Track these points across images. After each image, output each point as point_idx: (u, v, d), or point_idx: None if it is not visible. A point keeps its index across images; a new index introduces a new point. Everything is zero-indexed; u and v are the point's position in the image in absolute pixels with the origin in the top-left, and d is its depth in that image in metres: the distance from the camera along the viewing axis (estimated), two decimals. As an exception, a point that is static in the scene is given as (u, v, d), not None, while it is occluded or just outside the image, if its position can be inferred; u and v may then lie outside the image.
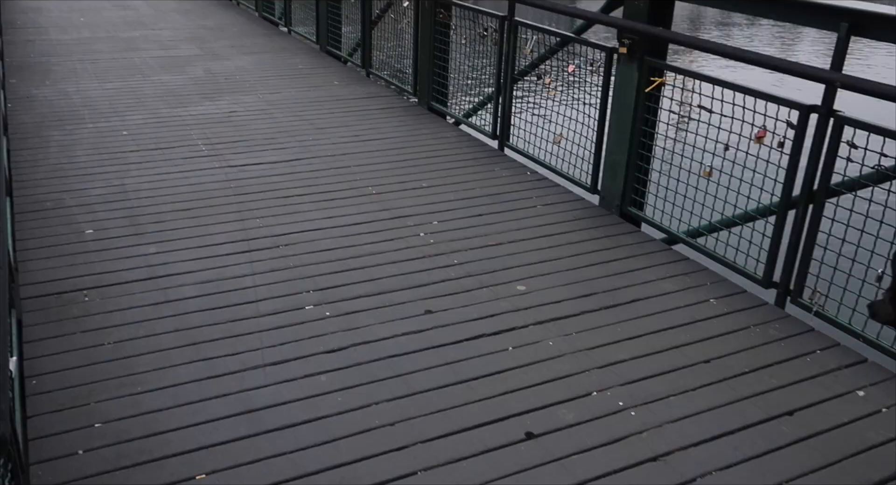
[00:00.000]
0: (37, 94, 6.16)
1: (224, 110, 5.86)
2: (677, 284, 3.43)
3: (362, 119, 5.77)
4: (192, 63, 7.38)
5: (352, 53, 7.57)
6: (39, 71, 6.90)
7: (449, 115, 5.91)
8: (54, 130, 5.28)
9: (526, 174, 4.74)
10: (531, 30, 4.79)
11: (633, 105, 3.92)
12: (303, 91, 6.50)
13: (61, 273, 3.35)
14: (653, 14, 3.79)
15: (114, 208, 4.05)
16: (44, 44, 8.07)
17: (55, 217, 3.92)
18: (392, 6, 6.62)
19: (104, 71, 6.98)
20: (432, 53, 5.87)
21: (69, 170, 4.56)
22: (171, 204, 4.13)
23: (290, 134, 5.35)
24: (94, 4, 10.78)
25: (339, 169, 4.72)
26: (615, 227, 4.05)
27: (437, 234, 3.87)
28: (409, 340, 2.94)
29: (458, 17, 5.64)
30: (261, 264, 3.50)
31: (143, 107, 5.89)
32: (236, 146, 5.06)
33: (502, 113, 5.14)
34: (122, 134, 5.24)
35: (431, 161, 4.93)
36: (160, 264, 3.48)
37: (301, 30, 8.81)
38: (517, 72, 4.97)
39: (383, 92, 6.62)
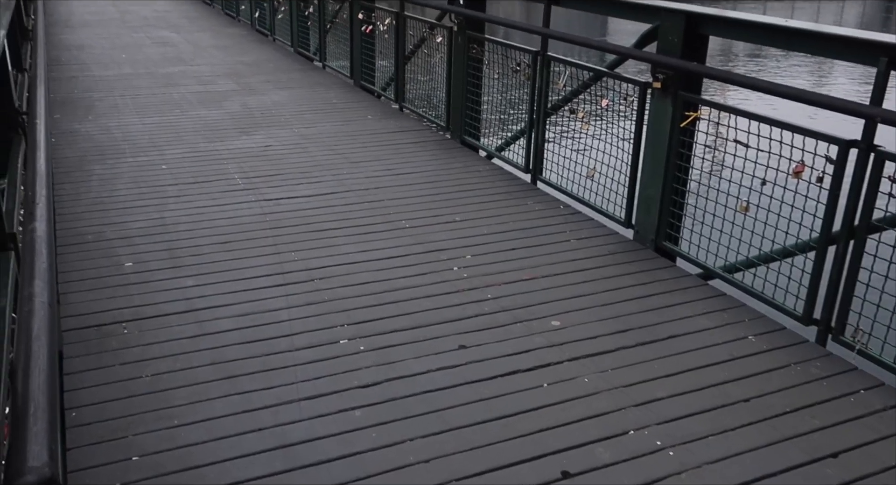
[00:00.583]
0: (79, 128, 6.32)
1: (260, 144, 5.95)
2: (715, 321, 3.38)
3: (395, 153, 5.82)
4: (229, 98, 7.52)
5: (385, 88, 7.67)
6: (82, 106, 7.09)
7: (481, 148, 5.95)
8: (96, 164, 5.41)
9: (559, 208, 4.74)
10: (564, 64, 4.82)
11: (668, 139, 3.91)
12: (337, 125, 6.59)
13: (101, 306, 3.41)
14: (687, 49, 3.80)
15: (153, 241, 4.12)
16: (87, 80, 8.29)
17: (96, 250, 4.00)
18: (425, 41, 6.71)
19: (144, 106, 7.15)
20: (465, 88, 5.93)
21: (110, 203, 4.66)
22: (209, 237, 4.19)
23: (324, 168, 5.41)
24: (135, 41, 11.08)
25: (373, 203, 4.75)
26: (650, 261, 4.02)
27: (470, 268, 3.87)
28: (444, 375, 2.93)
29: (490, 51, 5.70)
30: (296, 298, 3.53)
31: (182, 141, 6.01)
32: (272, 180, 5.13)
33: (535, 147, 5.16)
34: (162, 168, 5.34)
35: (464, 195, 4.95)
36: (198, 297, 3.52)
37: (335, 65, 8.96)
38: (550, 106, 5.00)
39: (416, 126, 6.68)
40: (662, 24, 3.89)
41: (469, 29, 5.78)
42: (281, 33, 10.95)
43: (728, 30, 3.78)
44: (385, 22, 7.28)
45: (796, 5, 55.30)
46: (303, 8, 9.75)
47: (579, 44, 4.68)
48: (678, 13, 3.79)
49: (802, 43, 3.45)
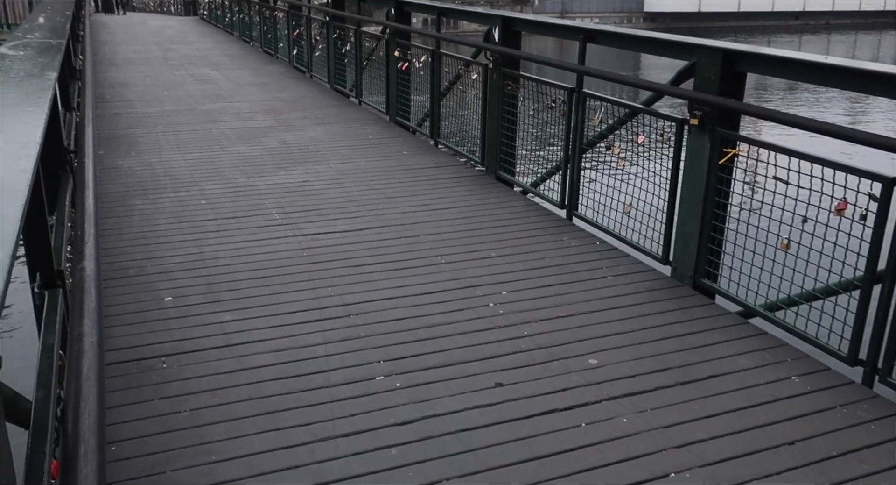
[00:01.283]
0: (122, 164, 6.47)
1: (297, 180, 6.03)
2: (756, 360, 3.32)
3: (431, 188, 5.86)
4: (267, 134, 7.65)
5: (420, 123, 7.75)
6: (126, 142, 7.26)
7: (516, 184, 5.96)
8: (138, 199, 5.52)
9: (595, 244, 4.72)
10: (600, 101, 4.84)
11: (706, 176, 3.89)
12: (373, 161, 6.66)
13: (142, 340, 3.45)
14: (724, 85, 3.79)
15: (192, 276, 4.17)
16: (130, 117, 8.51)
17: (137, 284, 4.06)
18: (461, 78, 6.78)
19: (185, 142, 7.30)
20: (500, 123, 5.97)
21: (151, 238, 4.74)
22: (247, 272, 4.23)
23: (360, 203, 5.46)
24: (176, 78, 11.35)
25: (409, 238, 4.78)
26: (688, 299, 3.97)
27: (506, 304, 3.86)
28: (480, 413, 2.91)
29: (525, 88, 5.74)
30: (333, 333, 3.54)
31: (221, 177, 6.12)
32: (309, 215, 5.18)
33: (570, 182, 5.16)
34: (201, 203, 5.43)
35: (500, 230, 4.96)
36: (235, 332, 3.55)
37: (371, 101, 9.09)
38: (586, 142, 5.00)
39: (451, 161, 6.73)
40: (699, 60, 3.90)
41: (504, 66, 5.84)
42: (318, 70, 11.15)
43: (765, 66, 3.77)
44: (421, 59, 7.39)
45: (832, 38, 54.80)
46: (340, 46, 9.94)
47: (616, 81, 4.70)
48: (715, 50, 3.79)
49: (841, 80, 3.42)
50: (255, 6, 15.16)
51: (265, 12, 14.22)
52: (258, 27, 14.90)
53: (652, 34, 4.50)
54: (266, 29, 14.25)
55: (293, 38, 12.28)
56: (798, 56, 3.54)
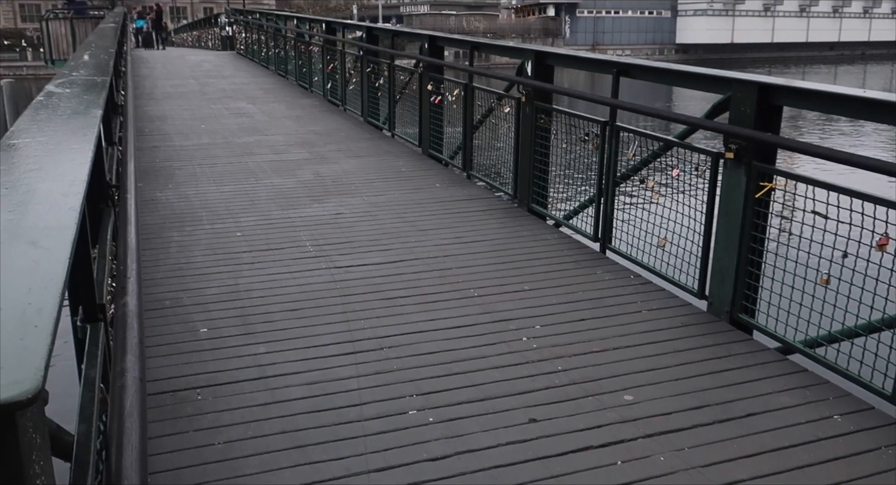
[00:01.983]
0: (160, 196, 6.59)
1: (331, 212, 6.09)
2: (796, 398, 3.25)
3: (463, 221, 5.88)
4: (301, 167, 7.75)
5: (453, 156, 7.80)
6: (163, 175, 7.40)
7: (549, 217, 5.95)
8: (175, 231, 5.61)
9: (629, 278, 4.68)
10: (633, 134, 4.83)
11: (742, 210, 3.85)
12: (406, 193, 6.71)
13: (177, 371, 3.48)
14: (760, 119, 3.77)
15: (227, 308, 4.21)
16: (168, 149, 8.68)
17: (173, 316, 4.11)
18: (493, 111, 6.83)
19: (221, 175, 7.42)
20: (533, 156, 5.99)
21: (187, 269, 4.80)
22: (281, 304, 4.26)
23: (393, 236, 5.49)
24: (213, 112, 11.58)
25: (442, 271, 4.78)
26: (725, 334, 3.91)
27: (539, 338, 3.83)
28: (514, 449, 2.88)
29: (558, 121, 5.76)
30: (365, 366, 3.54)
31: (256, 209, 6.20)
32: (342, 248, 5.22)
33: (604, 216, 5.14)
34: (237, 235, 5.50)
35: (532, 263, 4.94)
36: (269, 364, 3.56)
37: (404, 133, 9.18)
38: (619, 175, 4.99)
39: (484, 194, 6.75)
40: (734, 94, 3.88)
41: (537, 99, 5.87)
42: (352, 104, 11.30)
43: (802, 100, 3.75)
44: (454, 93, 7.46)
45: (869, 69, 54.26)
46: (373, 79, 10.07)
47: (650, 115, 4.70)
48: (751, 84, 3.78)
49: (880, 113, 3.39)
50: (291, 41, 15.46)
51: (300, 47, 14.49)
52: (293, 61, 15.17)
53: (686, 68, 4.51)
54: (301, 63, 14.51)
55: (327, 72, 12.48)
56: (835, 90, 3.51)
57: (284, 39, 16.26)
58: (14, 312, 0.99)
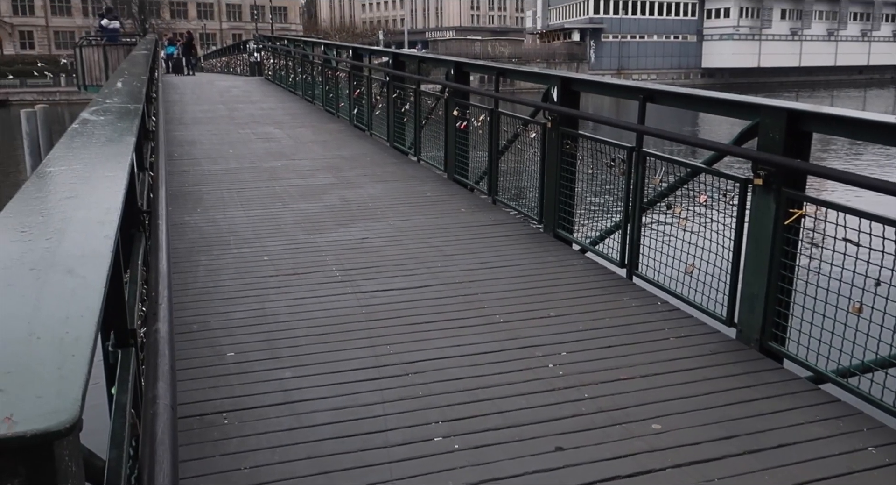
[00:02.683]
0: (189, 220, 6.67)
1: (357, 237, 6.12)
2: (829, 429, 3.19)
3: (489, 246, 5.88)
4: (327, 191, 7.81)
5: (478, 181, 7.82)
6: (192, 199, 7.49)
7: (575, 242, 5.94)
8: (203, 254, 5.66)
9: (656, 304, 4.64)
10: (660, 160, 4.82)
11: (771, 237, 3.81)
12: (431, 218, 6.73)
13: (204, 395, 3.50)
14: (789, 145, 3.75)
15: (254, 332, 4.23)
16: (196, 174, 8.80)
17: (201, 339, 4.14)
18: (519, 137, 6.85)
19: (248, 199, 7.50)
20: (558, 181, 5.99)
21: (214, 293, 4.84)
22: (307, 328, 4.28)
23: (419, 260, 5.50)
24: (241, 137, 11.73)
25: (467, 296, 4.78)
26: (755, 363, 3.85)
27: (566, 365, 3.80)
28: (540, 478, 2.85)
29: (584, 147, 5.76)
30: (391, 392, 3.53)
31: (283, 233, 6.25)
32: (368, 272, 5.24)
33: (630, 241, 5.11)
34: (263, 259, 5.54)
35: (558, 289, 4.92)
36: (295, 389, 3.57)
37: (429, 158, 9.23)
38: (646, 201, 4.97)
39: (509, 219, 6.75)
40: (763, 120, 3.86)
41: (563, 125, 5.88)
42: (378, 129, 11.40)
43: (832, 127, 3.72)
44: (479, 118, 7.50)
45: (898, 93, 53.60)
46: (399, 105, 10.17)
47: (677, 141, 4.68)
48: (779, 110, 3.76)
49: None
50: (318, 67, 15.67)
51: (327, 73, 14.68)
52: (320, 87, 15.37)
53: (713, 94, 4.50)
54: (328, 89, 14.68)
55: (354, 98, 12.61)
56: (865, 116, 3.48)
57: (312, 65, 16.48)
58: (52, 341, 1.00)
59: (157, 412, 1.23)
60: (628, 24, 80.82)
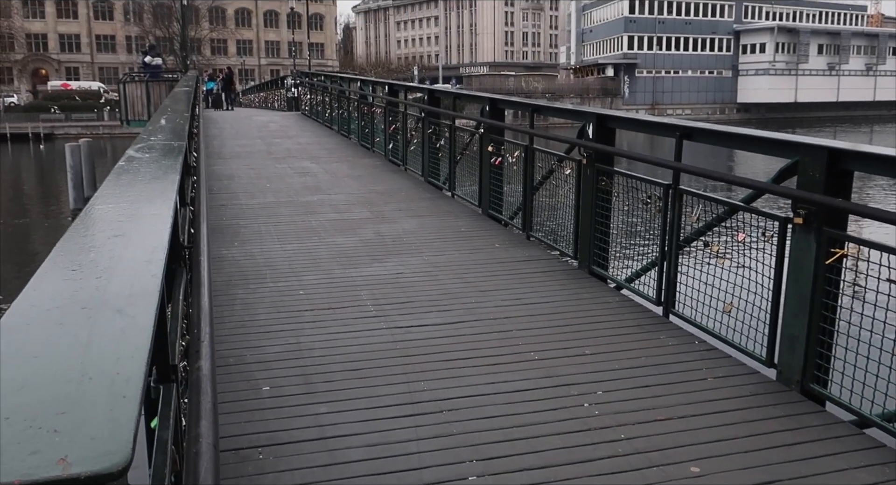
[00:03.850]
0: (226, 254, 6.76)
1: (391, 272, 6.15)
2: (875, 475, 3.10)
3: (523, 282, 5.86)
4: (363, 226, 7.88)
5: (513, 217, 7.83)
6: (229, 233, 7.60)
7: (610, 279, 5.90)
8: (240, 288, 5.73)
9: (694, 343, 4.58)
10: (697, 197, 4.79)
11: (812, 276, 3.76)
12: (465, 253, 6.74)
13: (239, 430, 3.51)
14: (830, 184, 3.71)
15: (289, 366, 4.26)
16: (234, 208, 8.93)
17: (236, 373, 4.17)
18: (553, 173, 6.87)
19: (285, 233, 7.59)
20: (593, 218, 5.97)
21: (251, 327, 4.89)
22: (342, 363, 4.29)
23: (453, 296, 5.50)
24: (278, 171, 11.91)
25: (502, 333, 4.76)
26: (796, 405, 3.77)
27: (601, 405, 3.76)
28: (577, 521, 2.80)
29: (619, 184, 5.75)
30: (425, 429, 3.52)
31: (318, 267, 6.30)
32: (402, 307, 5.25)
33: (667, 279, 5.07)
34: (299, 293, 5.59)
35: (594, 327, 4.88)
36: (329, 425, 3.57)
37: (464, 193, 9.27)
38: (683, 238, 4.94)
39: (543, 255, 6.74)
40: (802, 159, 3.83)
41: (598, 162, 5.89)
42: (412, 163, 11.51)
43: (873, 165, 3.68)
44: (514, 154, 7.54)
45: (942, 128, 52.81)
46: (434, 140, 10.26)
47: (715, 179, 4.66)
48: (819, 149, 3.73)
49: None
50: (354, 102, 15.91)
51: (363, 108, 14.89)
52: (356, 122, 15.58)
53: (751, 132, 4.48)
54: (364, 124, 14.88)
55: (389, 133, 12.77)
56: (908, 155, 3.44)
57: (348, 101, 16.74)
58: (104, 382, 1.03)
59: (201, 452, 1.25)
60: (662, 59, 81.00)
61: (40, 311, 1.31)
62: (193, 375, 1.68)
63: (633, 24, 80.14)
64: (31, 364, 1.09)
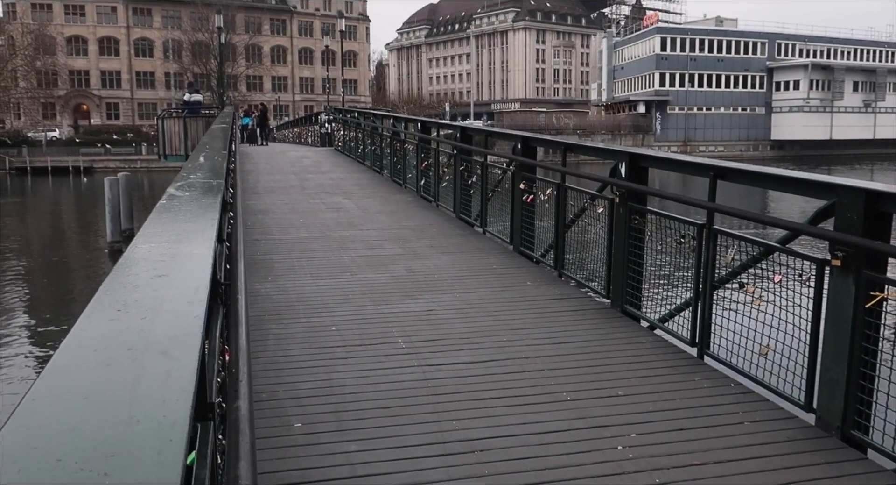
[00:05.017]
0: (260, 289, 6.82)
1: (423, 309, 6.15)
2: (920, 527, 3.01)
3: (555, 321, 5.83)
4: (394, 262, 7.91)
5: (544, 254, 7.82)
6: (263, 268, 7.68)
7: (643, 318, 5.84)
8: (273, 323, 5.77)
9: (729, 386, 4.51)
10: (731, 238, 4.75)
11: (852, 319, 3.69)
12: (497, 291, 6.73)
13: (272, 466, 3.52)
14: (869, 226, 3.66)
15: (321, 403, 4.26)
16: (268, 243, 9.03)
17: (269, 409, 4.18)
18: (586, 211, 6.86)
19: (318, 268, 7.64)
20: (626, 256, 5.94)
21: (283, 363, 4.91)
22: (373, 401, 4.29)
23: (485, 334, 5.49)
24: (311, 206, 12.04)
25: (533, 372, 4.73)
26: (836, 452, 3.68)
27: (635, 448, 3.70)
28: (611, 569, 2.75)
29: (652, 222, 5.73)
30: (456, 470, 3.49)
31: (350, 303, 6.33)
32: (434, 345, 5.24)
33: (701, 320, 5.01)
34: (331, 329, 5.61)
35: (626, 367, 4.83)
36: (360, 463, 3.56)
37: (495, 230, 9.29)
38: (717, 279, 4.89)
39: (575, 293, 6.71)
40: (840, 200, 3.80)
41: (631, 200, 5.87)
42: (444, 200, 11.57)
43: (914, 208, 3.62)
44: (546, 192, 7.55)
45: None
46: (466, 177, 10.33)
47: (750, 219, 4.62)
48: (857, 190, 3.70)
49: None
50: (387, 139, 16.09)
51: (396, 144, 15.05)
52: (388, 158, 15.74)
53: (786, 172, 4.45)
54: (396, 160, 15.03)
55: (421, 169, 12.87)
56: (949, 198, 3.39)
57: (380, 137, 16.94)
58: (151, 426, 1.05)
59: (240, 494, 1.26)
60: (694, 96, 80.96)
61: (88, 351, 1.34)
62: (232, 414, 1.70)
63: (665, 61, 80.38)
64: (81, 406, 1.12)
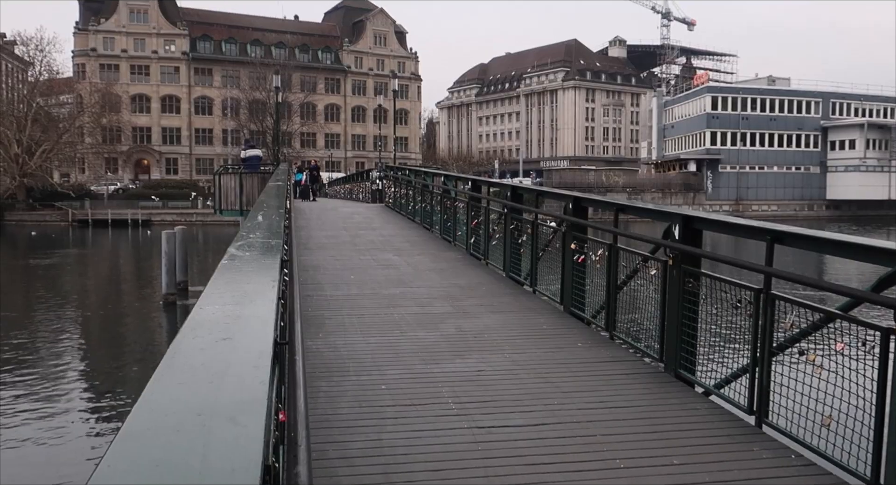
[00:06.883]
0: (310, 345, 6.86)
1: (473, 369, 6.12)
2: None
3: (607, 384, 5.74)
4: (444, 320, 7.91)
5: (595, 315, 7.74)
6: (314, 324, 7.74)
7: (698, 384, 5.71)
8: (323, 380, 5.79)
9: (790, 457, 4.35)
10: (790, 304, 4.65)
11: (919, 392, 3.56)
12: (548, 352, 6.66)
13: (320, 529, 3.50)
14: (934, 295, 3.56)
15: (371, 464, 4.24)
16: (319, 299, 9.13)
17: (319, 468, 4.16)
18: (638, 272, 6.80)
19: (368, 326, 7.68)
20: (680, 320, 5.85)
21: (333, 421, 4.91)
22: (423, 463, 4.25)
23: (535, 396, 5.42)
24: (362, 263, 12.17)
25: (586, 437, 4.64)
26: (907, 531, 3.51)
27: (693, 520, 3.59)
28: None
29: (707, 286, 5.65)
30: (507, 538, 3.42)
31: (400, 362, 6.32)
32: (484, 406, 5.19)
33: (759, 387, 4.88)
34: (381, 388, 5.61)
35: (681, 434, 4.71)
36: (410, 528, 3.52)
37: (545, 290, 9.24)
38: (776, 345, 4.77)
39: (628, 356, 6.60)
40: (903, 268, 3.71)
41: (685, 263, 5.81)
42: (494, 258, 11.58)
43: (982, 277, 3.51)
44: (597, 252, 7.52)
45: None
46: (516, 235, 10.35)
47: (808, 285, 4.53)
48: (921, 259, 3.61)
49: None
50: (437, 196, 16.26)
51: (446, 202, 15.20)
52: (438, 215, 15.88)
53: (847, 238, 4.36)
54: (446, 217, 15.16)
55: (471, 227, 12.94)
56: None
57: (431, 194, 17.13)
58: (222, 496, 1.07)
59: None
60: (747, 154, 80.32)
61: (159, 416, 1.38)
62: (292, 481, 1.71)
63: (716, 119, 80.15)
64: (153, 472, 1.15)
